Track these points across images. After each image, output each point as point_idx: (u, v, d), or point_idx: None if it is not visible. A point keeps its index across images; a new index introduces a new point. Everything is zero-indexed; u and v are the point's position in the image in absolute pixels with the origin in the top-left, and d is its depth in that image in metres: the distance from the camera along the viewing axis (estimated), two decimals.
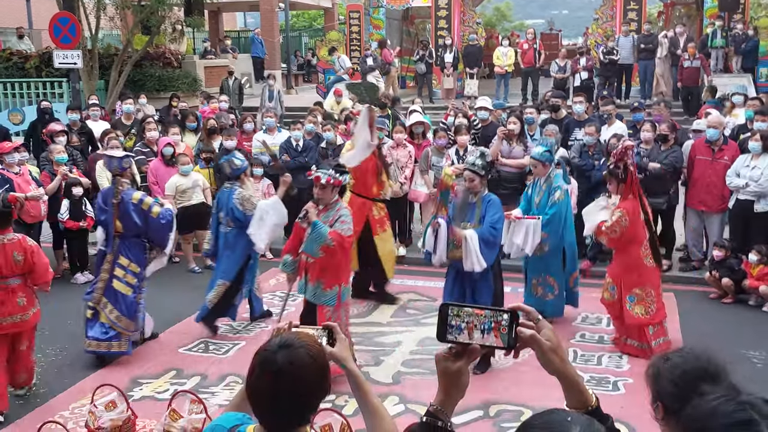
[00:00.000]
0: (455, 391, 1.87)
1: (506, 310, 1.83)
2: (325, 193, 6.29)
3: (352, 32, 22.01)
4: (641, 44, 17.01)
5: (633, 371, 6.56)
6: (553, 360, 1.83)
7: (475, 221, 6.38)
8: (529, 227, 7.12)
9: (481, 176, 6.33)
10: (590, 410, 1.87)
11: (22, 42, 20.40)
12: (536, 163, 7.49)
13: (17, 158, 9.13)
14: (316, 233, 5.99)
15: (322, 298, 6.22)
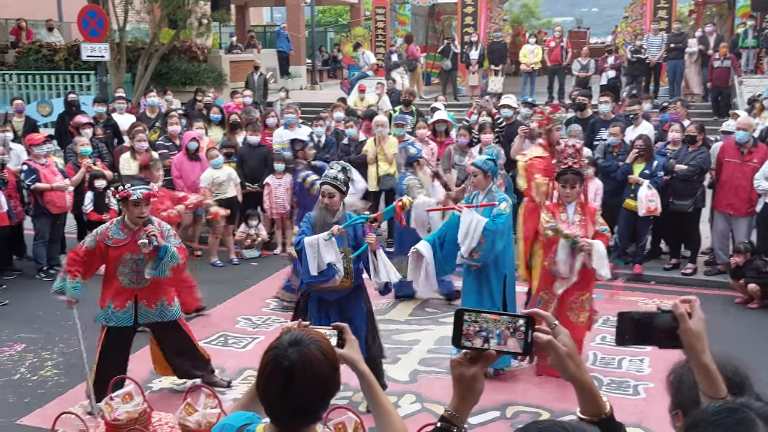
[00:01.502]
0: (470, 396, 1.86)
1: (523, 315, 1.82)
2: (147, 209, 5.76)
3: (378, 28, 21.97)
4: (671, 43, 16.80)
5: (654, 375, 6.48)
6: (569, 366, 1.83)
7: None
8: (472, 222, 6.10)
9: (342, 192, 5.66)
10: (604, 418, 1.86)
11: (52, 34, 20.63)
12: (476, 172, 6.32)
13: (45, 150, 9.26)
14: (168, 257, 5.56)
15: (170, 314, 5.85)
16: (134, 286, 5.66)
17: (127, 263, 5.63)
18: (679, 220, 9.15)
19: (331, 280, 5.52)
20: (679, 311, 1.91)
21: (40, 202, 9.07)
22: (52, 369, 6.70)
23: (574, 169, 6.21)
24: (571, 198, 6.27)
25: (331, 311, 5.68)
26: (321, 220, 5.63)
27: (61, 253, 9.75)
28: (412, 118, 11.45)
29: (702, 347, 1.91)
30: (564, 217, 6.25)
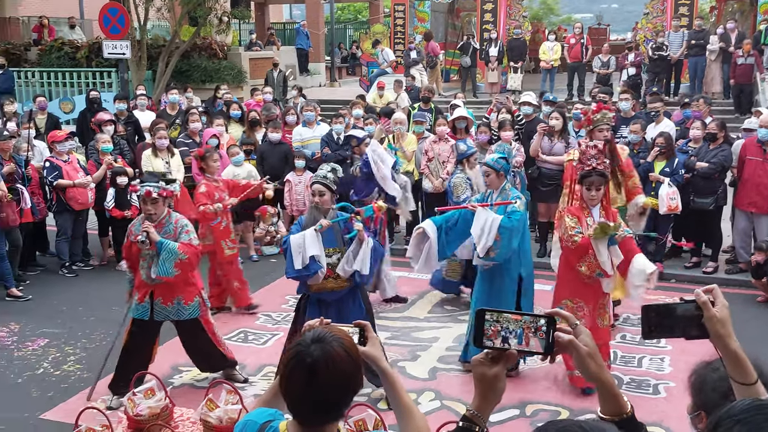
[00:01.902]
0: (492, 395, 1.87)
1: (544, 315, 1.82)
2: (157, 207, 5.79)
3: (397, 25, 21.95)
4: (692, 40, 16.65)
5: (674, 374, 6.45)
6: (590, 366, 1.83)
7: None
8: (487, 221, 6.05)
9: (332, 191, 5.80)
10: (625, 418, 1.86)
11: (74, 32, 20.82)
12: (488, 171, 6.34)
13: (67, 146, 9.36)
14: (165, 252, 5.61)
15: (187, 313, 5.87)
16: (150, 281, 5.75)
17: (146, 258, 5.75)
18: (700, 218, 9.08)
19: (315, 276, 5.58)
20: (701, 299, 1.91)
21: (62, 198, 9.17)
22: (74, 364, 6.78)
23: (598, 171, 5.98)
24: (596, 201, 6.01)
25: (330, 312, 5.69)
26: (312, 221, 5.72)
27: (84, 249, 9.87)
28: (431, 116, 11.43)
29: (728, 333, 1.91)
30: (590, 221, 5.95)
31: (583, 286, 6.00)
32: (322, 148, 10.31)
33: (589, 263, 5.86)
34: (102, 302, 8.23)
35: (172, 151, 9.91)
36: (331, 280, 5.68)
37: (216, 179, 8.13)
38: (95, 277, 9.31)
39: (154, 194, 5.66)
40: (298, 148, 10.42)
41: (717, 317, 1.90)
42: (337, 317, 5.60)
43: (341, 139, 10.31)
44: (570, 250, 5.99)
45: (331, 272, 5.66)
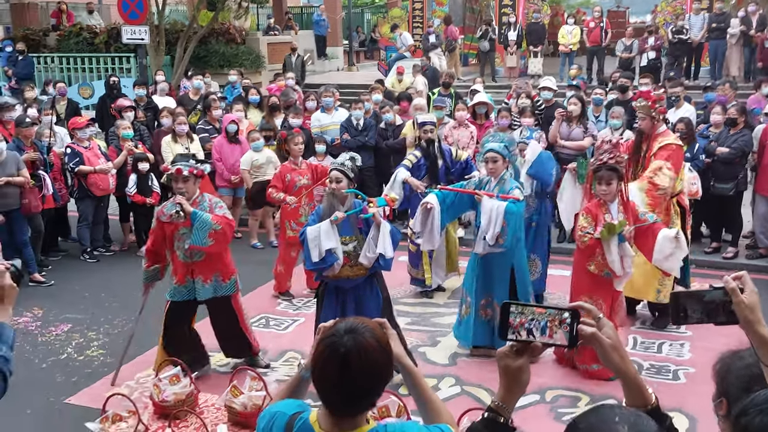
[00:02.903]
0: (516, 387, 1.90)
1: (568, 308, 1.85)
2: (188, 185, 5.85)
3: (415, 9, 21.83)
4: (713, 23, 16.44)
5: (694, 360, 6.44)
6: (614, 358, 1.85)
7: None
8: (493, 209, 6.08)
9: (350, 178, 5.79)
10: (650, 409, 1.88)
11: (92, 17, 20.88)
12: (497, 157, 6.28)
13: (88, 133, 9.43)
14: (199, 221, 5.69)
15: (223, 290, 6.01)
16: (189, 260, 5.84)
17: (182, 238, 5.82)
18: (721, 203, 9.02)
19: (331, 267, 5.62)
20: (730, 286, 1.92)
21: (83, 184, 9.25)
22: (98, 349, 6.87)
23: (609, 165, 5.96)
24: (610, 195, 6.01)
25: (347, 299, 5.79)
26: (329, 208, 5.75)
27: (105, 234, 9.95)
28: (451, 101, 11.40)
29: (757, 319, 1.92)
30: (608, 218, 5.99)
31: (599, 283, 6.05)
32: (342, 134, 10.32)
33: (597, 263, 6.01)
34: (124, 288, 8.32)
35: (191, 137, 9.96)
36: (347, 268, 5.70)
37: (296, 162, 8.20)
38: (116, 263, 9.40)
39: (185, 172, 5.74)
40: (317, 134, 10.44)
41: (745, 303, 1.92)
42: (354, 304, 5.73)
43: (360, 124, 10.31)
44: (580, 250, 6.13)
45: (347, 260, 5.69)
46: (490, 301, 6.41)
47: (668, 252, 5.94)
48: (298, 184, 8.04)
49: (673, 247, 5.92)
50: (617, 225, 5.85)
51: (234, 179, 9.94)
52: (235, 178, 9.92)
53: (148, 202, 9.42)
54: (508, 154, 6.35)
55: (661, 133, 7.02)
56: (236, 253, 8.74)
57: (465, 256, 8.77)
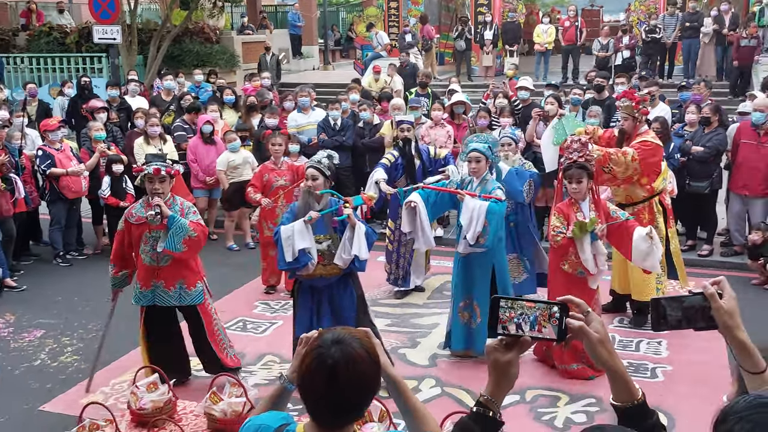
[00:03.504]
0: (505, 381, 1.89)
1: (557, 302, 1.85)
2: (164, 186, 5.72)
3: (391, 8, 21.80)
4: (686, 22, 16.60)
5: (672, 358, 6.49)
6: (601, 353, 1.85)
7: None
8: (475, 208, 6.04)
9: (326, 176, 5.74)
10: (636, 404, 1.88)
11: (63, 17, 20.57)
12: (480, 157, 6.25)
13: (60, 135, 9.28)
14: (176, 226, 5.55)
15: (189, 299, 5.79)
16: (155, 264, 5.69)
17: (148, 241, 5.68)
18: (696, 201, 9.11)
19: (305, 267, 5.58)
20: (708, 291, 1.92)
21: (55, 187, 9.10)
22: (72, 355, 6.75)
23: (578, 164, 6.00)
24: (580, 194, 6.03)
25: (322, 298, 5.75)
26: (304, 206, 5.69)
27: (78, 238, 9.80)
28: (427, 100, 11.38)
29: (736, 324, 1.92)
30: (580, 216, 6.02)
31: (573, 282, 6.04)
32: (319, 134, 10.26)
33: (571, 262, 6.04)
34: (97, 292, 8.20)
35: (164, 138, 9.85)
36: (321, 267, 5.65)
37: (276, 163, 8.21)
38: (90, 267, 9.27)
39: (162, 172, 5.60)
40: (293, 134, 10.37)
41: (724, 308, 1.91)
42: (329, 303, 5.71)
43: (338, 124, 10.26)
44: (554, 249, 6.17)
45: (321, 259, 5.64)
46: (469, 303, 6.37)
47: (645, 250, 6.00)
48: (275, 185, 8.05)
49: (648, 245, 5.97)
50: (588, 223, 5.89)
51: (209, 180, 9.85)
52: (210, 180, 9.83)
53: (122, 205, 9.28)
54: (491, 155, 6.33)
55: (642, 133, 7.08)
56: (212, 255, 8.76)
57: (445, 256, 8.83)
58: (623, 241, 6.12)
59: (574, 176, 6.01)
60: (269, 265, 8.18)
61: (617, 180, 6.80)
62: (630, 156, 6.73)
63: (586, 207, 6.06)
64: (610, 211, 6.17)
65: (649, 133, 7.22)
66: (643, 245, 5.98)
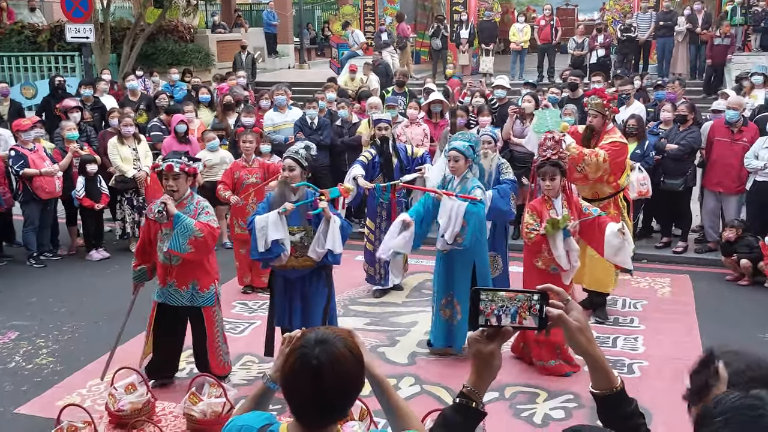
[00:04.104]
0: (488, 372, 1.90)
1: (537, 291, 1.86)
2: (179, 183, 5.58)
3: (366, 6, 21.77)
4: (660, 21, 16.76)
5: (648, 354, 6.55)
6: (581, 340, 1.86)
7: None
8: (453, 208, 6.04)
9: (303, 167, 5.71)
10: (615, 391, 1.91)
11: (34, 15, 20.28)
12: (458, 156, 6.24)
13: (33, 135, 9.15)
14: (181, 226, 5.44)
15: (200, 300, 5.72)
16: (168, 262, 5.62)
17: (163, 238, 5.62)
18: (671, 199, 9.20)
19: (278, 258, 5.59)
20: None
21: (29, 187, 8.97)
22: (47, 357, 6.66)
23: (552, 161, 6.04)
24: (553, 191, 6.10)
25: (294, 290, 5.78)
26: (280, 197, 5.69)
27: (53, 239, 9.68)
28: (404, 99, 11.38)
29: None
30: (553, 213, 6.08)
31: (547, 279, 6.00)
32: (295, 132, 10.23)
33: (544, 258, 6.11)
34: (72, 293, 8.12)
35: (138, 138, 9.76)
36: (293, 259, 5.65)
37: (248, 160, 8.20)
38: (64, 268, 9.16)
39: (175, 169, 5.46)
40: (270, 134, 10.32)
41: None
42: (300, 295, 5.74)
43: (315, 123, 10.23)
44: (528, 246, 6.26)
45: (294, 251, 5.63)
46: (450, 300, 6.38)
47: (617, 246, 6.09)
48: (246, 182, 8.09)
49: (620, 240, 6.06)
50: (561, 220, 5.96)
51: None
52: None
53: (96, 207, 9.19)
54: (471, 154, 6.29)
55: (609, 131, 7.16)
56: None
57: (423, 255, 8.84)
58: (595, 236, 6.21)
59: (547, 173, 6.06)
60: (242, 264, 8.20)
61: (588, 180, 6.93)
62: (601, 157, 6.84)
63: (558, 204, 6.12)
64: (582, 207, 6.24)
65: (616, 131, 7.32)
66: (615, 240, 6.07)
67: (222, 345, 5.89)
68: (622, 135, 7.57)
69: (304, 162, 5.73)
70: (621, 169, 7.15)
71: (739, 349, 2.32)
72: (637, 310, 7.66)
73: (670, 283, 8.47)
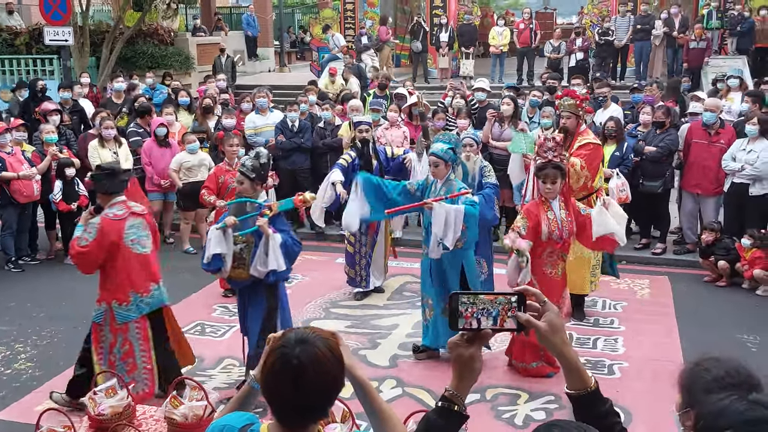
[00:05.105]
0: (469, 375, 1.91)
1: (515, 293, 1.87)
2: None
3: (347, 10, 21.79)
4: (637, 24, 16.93)
5: (628, 355, 6.60)
6: (554, 342, 1.88)
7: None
8: (450, 213, 5.97)
9: (250, 179, 5.58)
10: (589, 392, 1.92)
11: (12, 18, 20.08)
12: (437, 162, 6.21)
13: (9, 139, 9.06)
14: None
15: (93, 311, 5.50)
16: None
17: None
18: (649, 201, 9.28)
19: (219, 271, 5.64)
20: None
21: (6, 191, 8.88)
22: (26, 362, 6.59)
23: (554, 163, 5.87)
24: (553, 194, 5.95)
25: (241, 298, 5.88)
26: (236, 209, 5.69)
27: (32, 243, 9.58)
28: (387, 102, 11.41)
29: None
30: (551, 215, 5.94)
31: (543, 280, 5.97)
32: (276, 135, 10.22)
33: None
34: (51, 298, 8.05)
35: (119, 141, 9.71)
36: (232, 269, 5.61)
37: (231, 164, 8.14)
38: (43, 272, 9.08)
39: None
40: (251, 136, 10.30)
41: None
42: (242, 305, 5.84)
43: (295, 126, 10.22)
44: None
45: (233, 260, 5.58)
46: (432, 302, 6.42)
47: (603, 219, 6.00)
48: (231, 186, 7.98)
49: (604, 214, 6.00)
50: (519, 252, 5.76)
51: (164, 183, 9.73)
52: (165, 183, 9.71)
53: (74, 208, 9.10)
54: (451, 157, 6.25)
55: (581, 132, 7.14)
56: (168, 260, 8.63)
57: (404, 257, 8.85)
58: (585, 230, 6.08)
59: (549, 176, 5.89)
60: None
61: (573, 190, 6.72)
62: (578, 166, 6.84)
63: (556, 205, 5.99)
64: (579, 209, 6.12)
65: (589, 132, 7.31)
66: (600, 216, 6.01)
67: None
68: (596, 136, 7.60)
69: (251, 174, 5.58)
70: (596, 172, 7.19)
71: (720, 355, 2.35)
72: (617, 311, 7.73)
73: (650, 284, 8.54)
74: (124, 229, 5.34)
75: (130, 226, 5.39)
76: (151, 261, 5.55)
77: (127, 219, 5.40)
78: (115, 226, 5.33)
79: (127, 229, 5.37)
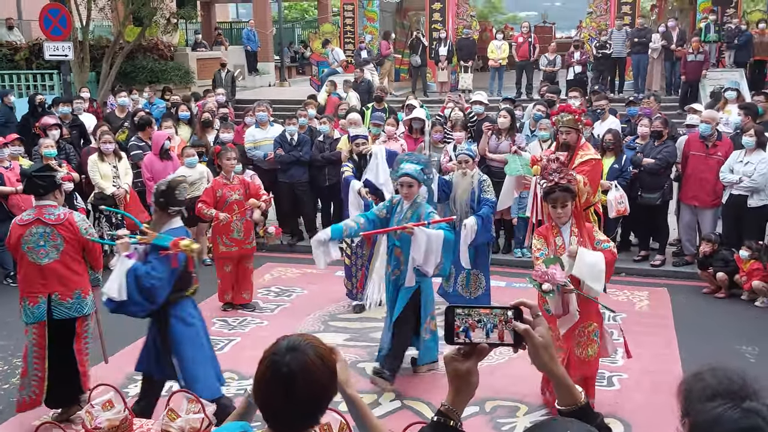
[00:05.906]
0: (466, 390, 1.89)
1: (511, 306, 1.85)
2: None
3: (346, 24, 21.91)
4: (634, 38, 17.01)
5: (627, 366, 6.58)
6: (543, 357, 1.86)
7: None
8: (431, 239, 5.80)
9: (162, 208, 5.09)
10: (579, 407, 1.91)
11: (12, 33, 20.19)
12: (412, 182, 6.05)
13: (7, 153, 9.09)
14: None
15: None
16: None
17: None
18: (648, 213, 9.31)
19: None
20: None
21: (4, 206, 8.90)
22: None
23: (562, 186, 5.29)
24: (564, 218, 5.36)
25: None
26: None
27: None
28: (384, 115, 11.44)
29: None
30: (560, 241, 5.36)
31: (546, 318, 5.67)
32: (275, 149, 10.25)
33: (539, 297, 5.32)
34: None
35: (119, 155, 9.73)
36: None
37: (228, 177, 8.16)
38: None
39: None
40: (251, 150, 10.33)
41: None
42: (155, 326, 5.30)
43: (294, 140, 10.25)
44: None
45: None
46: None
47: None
48: (230, 200, 8.02)
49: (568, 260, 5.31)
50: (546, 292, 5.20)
51: None
52: None
53: None
54: (422, 177, 6.17)
55: (582, 146, 6.95)
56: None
57: None
58: None
59: (558, 200, 5.29)
60: (224, 281, 8.20)
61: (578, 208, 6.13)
62: (582, 182, 6.73)
63: (566, 232, 5.40)
64: (595, 240, 5.44)
65: (589, 147, 7.09)
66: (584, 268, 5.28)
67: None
68: (596, 150, 7.59)
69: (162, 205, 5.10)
70: (597, 186, 7.17)
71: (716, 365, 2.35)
72: (616, 323, 7.71)
73: (648, 296, 8.54)
74: (23, 234, 5.43)
75: (32, 234, 5.44)
76: (46, 274, 5.47)
77: (31, 226, 5.45)
78: (17, 230, 5.47)
79: (26, 236, 5.44)
